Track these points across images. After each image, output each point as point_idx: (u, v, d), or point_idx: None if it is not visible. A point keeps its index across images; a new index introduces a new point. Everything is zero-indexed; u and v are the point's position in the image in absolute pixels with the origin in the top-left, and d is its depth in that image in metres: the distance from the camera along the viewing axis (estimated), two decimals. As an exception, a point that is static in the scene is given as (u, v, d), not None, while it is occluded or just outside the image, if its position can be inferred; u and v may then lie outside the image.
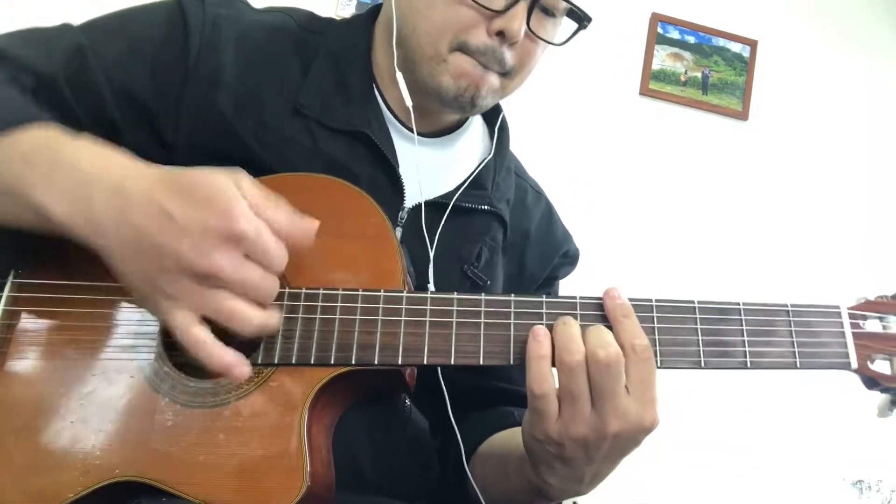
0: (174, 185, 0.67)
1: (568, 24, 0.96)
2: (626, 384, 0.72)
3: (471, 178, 1.01)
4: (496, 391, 1.04)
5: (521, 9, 0.88)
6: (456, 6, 0.88)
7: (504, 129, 1.11)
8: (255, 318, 0.69)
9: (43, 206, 0.69)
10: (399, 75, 0.94)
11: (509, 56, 0.91)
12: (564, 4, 0.92)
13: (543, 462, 0.78)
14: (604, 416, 0.72)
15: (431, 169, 1.00)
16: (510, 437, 0.94)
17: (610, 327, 0.74)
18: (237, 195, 0.66)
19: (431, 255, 0.94)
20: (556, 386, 0.73)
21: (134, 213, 0.67)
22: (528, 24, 0.89)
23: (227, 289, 0.67)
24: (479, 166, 1.04)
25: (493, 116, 1.11)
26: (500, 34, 0.89)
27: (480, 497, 0.90)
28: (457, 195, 0.98)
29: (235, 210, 0.65)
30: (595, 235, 1.28)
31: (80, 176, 0.70)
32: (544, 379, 0.72)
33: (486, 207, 1.01)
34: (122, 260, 0.69)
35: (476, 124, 1.10)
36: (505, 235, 1.05)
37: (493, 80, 0.93)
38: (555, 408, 0.72)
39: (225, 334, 0.69)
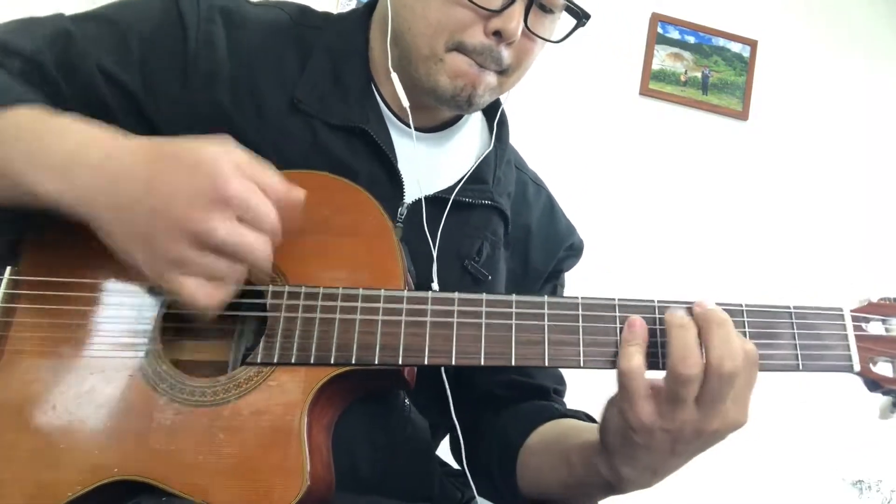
0: (161, 153, 0.69)
1: (566, 20, 0.95)
2: None
3: (471, 173, 1.01)
4: (515, 384, 1.04)
5: (518, 8, 0.87)
6: (452, 6, 0.87)
7: (503, 122, 1.11)
8: (241, 276, 0.70)
9: (32, 185, 0.70)
10: (394, 75, 0.94)
11: (506, 54, 0.91)
12: (562, 1, 0.91)
13: (624, 451, 0.76)
14: (707, 418, 0.71)
15: (431, 164, 1.00)
16: (569, 428, 0.94)
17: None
18: (224, 158, 0.67)
19: (435, 254, 0.93)
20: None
21: (123, 183, 0.68)
22: (525, 22, 0.89)
23: (220, 252, 0.67)
24: (479, 160, 1.03)
25: (492, 110, 1.10)
26: (497, 34, 0.88)
27: (471, 482, 0.91)
28: (456, 190, 0.98)
29: (224, 172, 0.66)
30: (595, 236, 1.28)
31: (67, 153, 0.70)
32: (640, 369, 0.72)
33: (486, 202, 1.01)
34: (116, 231, 0.69)
35: (475, 118, 1.09)
36: (506, 230, 1.05)
37: (491, 78, 0.92)
38: (646, 392, 0.72)
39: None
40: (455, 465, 1.02)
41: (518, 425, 0.99)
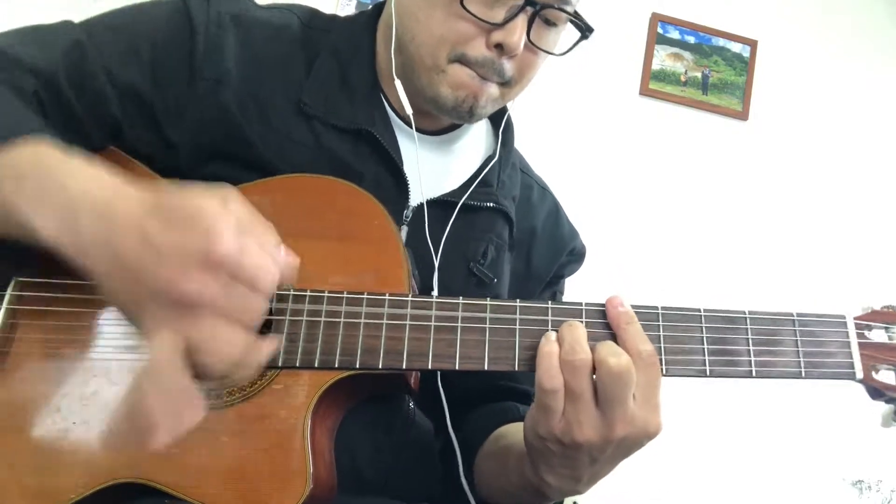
0: (158, 207, 0.63)
1: (570, 29, 0.95)
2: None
3: (477, 177, 1.01)
4: (501, 389, 1.04)
5: (520, 21, 0.87)
6: (455, 19, 0.87)
7: (509, 126, 1.11)
8: (238, 341, 0.62)
9: (31, 225, 0.67)
10: (398, 82, 0.94)
11: (509, 67, 0.91)
12: (566, 15, 0.91)
13: (544, 460, 0.78)
14: (611, 422, 0.71)
15: (436, 167, 1.01)
16: (511, 434, 0.94)
17: (615, 338, 0.74)
18: (221, 213, 0.62)
19: (437, 259, 0.93)
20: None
21: (117, 237, 0.63)
22: (528, 35, 0.88)
23: (209, 314, 0.61)
24: (488, 165, 1.03)
25: (498, 115, 1.10)
26: (499, 46, 0.88)
27: (470, 496, 0.91)
28: (467, 193, 0.98)
29: (217, 229, 0.60)
30: (594, 236, 1.28)
31: (68, 197, 0.66)
32: (554, 374, 0.72)
33: (491, 205, 1.01)
34: (108, 282, 0.65)
35: (480, 122, 1.09)
36: (511, 233, 1.05)
37: (492, 90, 0.92)
38: (561, 405, 0.72)
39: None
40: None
41: (478, 428, 0.99)
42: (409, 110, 0.94)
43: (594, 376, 0.71)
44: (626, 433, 0.72)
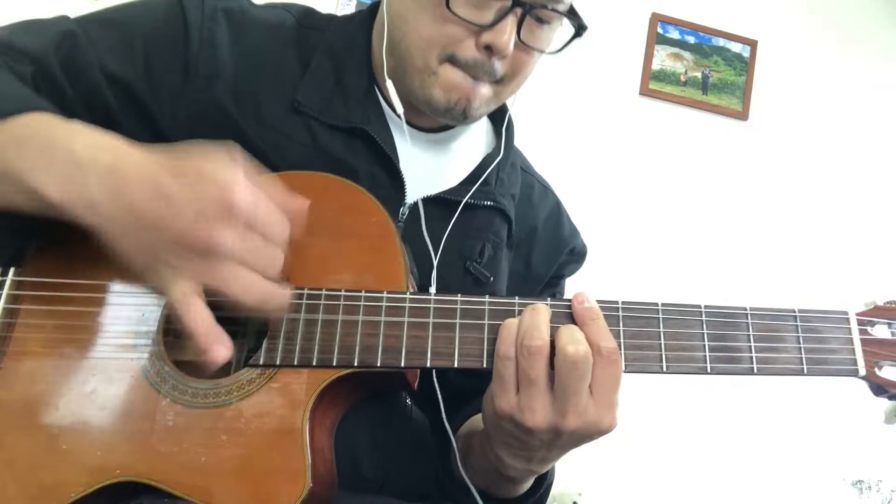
0: (169, 162, 0.68)
1: (567, 26, 0.94)
2: (589, 384, 0.72)
3: (476, 175, 1.01)
4: None
5: (510, 22, 0.86)
6: (443, 21, 0.86)
7: (510, 125, 1.10)
8: (258, 284, 0.68)
9: (37, 188, 0.69)
10: (389, 83, 0.94)
11: (500, 66, 0.90)
12: (558, 14, 0.90)
13: (499, 436, 0.79)
14: (563, 412, 0.72)
15: (433, 165, 1.00)
16: (480, 419, 0.95)
17: None
18: (230, 167, 0.67)
19: (436, 257, 0.93)
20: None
21: (130, 191, 0.67)
22: (519, 34, 0.87)
23: (228, 262, 0.67)
24: (487, 163, 1.03)
25: (499, 112, 1.09)
26: (489, 48, 0.87)
27: (473, 488, 0.90)
28: (470, 192, 0.97)
29: (232, 182, 0.65)
30: (594, 236, 1.28)
31: (75, 158, 0.69)
32: (510, 343, 0.73)
33: (489, 203, 1.00)
34: (120, 238, 0.69)
35: (480, 120, 1.08)
36: (510, 232, 1.04)
37: (485, 90, 0.92)
38: (513, 374, 0.74)
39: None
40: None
41: (461, 415, 1.00)
42: (399, 111, 0.93)
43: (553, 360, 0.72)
44: (577, 426, 0.73)
